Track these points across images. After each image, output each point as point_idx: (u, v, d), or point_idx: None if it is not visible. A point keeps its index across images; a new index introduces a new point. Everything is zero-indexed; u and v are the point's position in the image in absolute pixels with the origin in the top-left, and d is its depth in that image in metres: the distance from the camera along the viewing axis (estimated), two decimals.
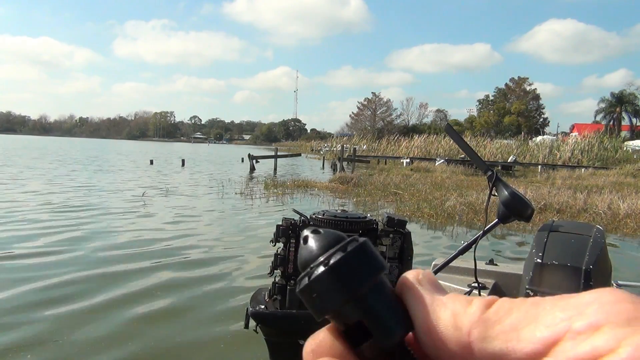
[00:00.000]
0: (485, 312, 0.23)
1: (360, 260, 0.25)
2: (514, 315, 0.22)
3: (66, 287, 4.95)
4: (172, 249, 6.83)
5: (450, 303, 0.24)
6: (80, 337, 3.77)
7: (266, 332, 1.15)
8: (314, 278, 0.24)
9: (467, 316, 0.23)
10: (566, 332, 0.20)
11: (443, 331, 0.23)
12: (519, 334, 0.21)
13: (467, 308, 0.23)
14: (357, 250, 0.25)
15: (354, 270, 0.24)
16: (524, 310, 0.22)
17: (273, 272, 1.17)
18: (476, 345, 0.22)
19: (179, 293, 4.90)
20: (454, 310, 0.23)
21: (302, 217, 1.19)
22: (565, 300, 0.21)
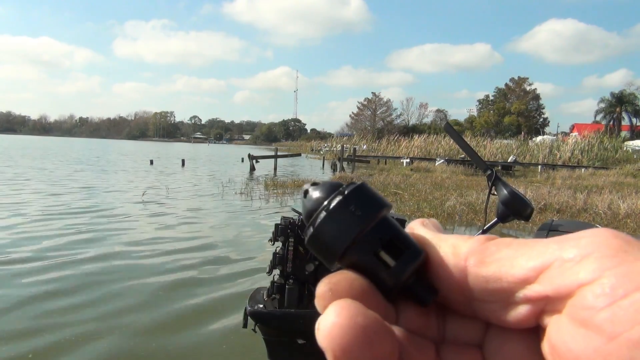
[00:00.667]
0: (484, 244, 0.24)
1: (360, 200, 0.25)
2: (513, 246, 0.23)
3: (63, 288, 4.94)
4: (171, 248, 6.82)
5: (452, 238, 0.25)
6: (79, 338, 3.76)
7: (264, 332, 1.15)
8: (319, 224, 0.24)
9: (465, 246, 0.24)
10: (555, 260, 0.21)
11: (443, 259, 0.24)
12: (512, 261, 0.22)
13: (468, 241, 0.24)
14: (356, 190, 0.25)
15: (370, 200, 0.25)
16: (524, 244, 0.23)
17: (272, 271, 1.17)
18: (471, 269, 0.23)
19: (179, 293, 4.90)
20: (454, 242, 0.25)
21: (301, 216, 1.19)
22: (564, 236, 0.22)
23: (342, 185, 0.26)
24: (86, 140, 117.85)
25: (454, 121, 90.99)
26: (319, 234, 0.25)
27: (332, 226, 0.24)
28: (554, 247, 0.22)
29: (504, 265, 0.22)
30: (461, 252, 0.24)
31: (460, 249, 0.24)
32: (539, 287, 0.21)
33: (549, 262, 0.21)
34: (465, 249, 0.24)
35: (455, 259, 0.24)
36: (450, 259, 0.24)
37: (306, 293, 1.15)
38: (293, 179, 18.43)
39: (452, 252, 0.24)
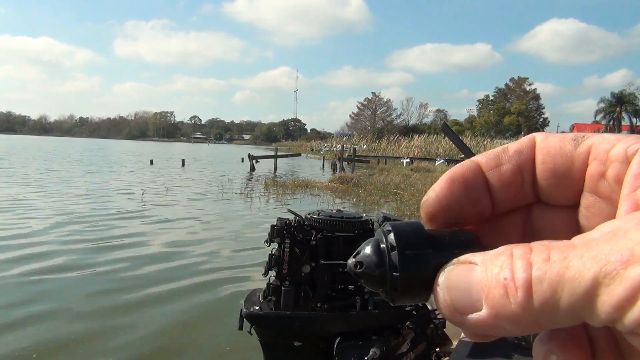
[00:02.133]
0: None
1: (412, 243, 0.26)
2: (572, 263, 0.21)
3: (62, 289, 4.93)
4: (171, 248, 6.81)
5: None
6: (81, 341, 3.76)
7: (260, 334, 1.14)
8: (402, 285, 0.26)
9: (516, 292, 0.21)
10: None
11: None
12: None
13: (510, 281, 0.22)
14: (402, 238, 0.26)
15: (417, 257, 0.26)
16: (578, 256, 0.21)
17: (267, 273, 1.16)
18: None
19: (175, 294, 4.89)
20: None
21: (297, 217, 1.18)
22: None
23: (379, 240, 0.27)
24: (86, 140, 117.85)
25: (454, 121, 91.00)
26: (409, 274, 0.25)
27: (411, 265, 0.25)
28: None
29: None
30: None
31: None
32: None
33: None
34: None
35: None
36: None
37: (302, 295, 1.14)
38: (293, 179, 18.43)
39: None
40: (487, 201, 0.28)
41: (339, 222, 1.14)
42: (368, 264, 0.26)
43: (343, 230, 1.15)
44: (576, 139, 0.26)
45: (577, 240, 0.21)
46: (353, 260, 0.27)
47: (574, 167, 0.26)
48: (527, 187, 0.28)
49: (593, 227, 0.25)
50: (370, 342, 1.12)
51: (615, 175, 0.24)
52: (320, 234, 1.15)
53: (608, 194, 0.25)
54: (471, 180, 0.28)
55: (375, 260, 0.26)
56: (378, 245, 0.26)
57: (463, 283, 0.23)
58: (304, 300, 1.14)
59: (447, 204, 0.28)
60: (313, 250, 1.15)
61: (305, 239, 1.15)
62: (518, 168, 0.27)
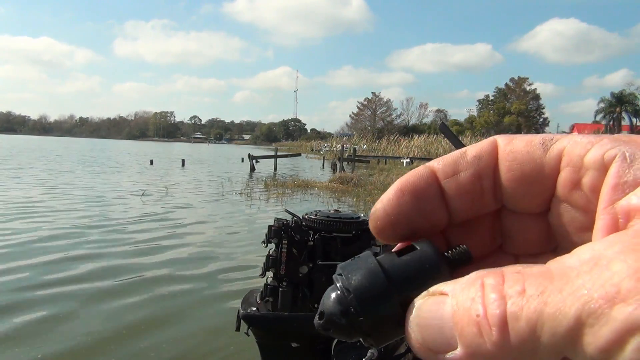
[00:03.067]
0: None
1: (369, 297, 0.24)
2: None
3: (61, 289, 4.93)
4: (168, 248, 6.81)
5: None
6: (82, 342, 3.75)
7: (258, 335, 1.13)
8: (374, 337, 0.24)
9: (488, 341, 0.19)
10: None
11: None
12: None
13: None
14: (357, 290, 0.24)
15: (376, 307, 0.24)
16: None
17: (265, 274, 1.15)
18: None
19: (172, 294, 4.88)
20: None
21: (295, 218, 1.17)
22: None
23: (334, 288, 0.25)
24: (87, 140, 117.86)
25: (454, 121, 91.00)
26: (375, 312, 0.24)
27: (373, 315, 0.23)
28: None
29: None
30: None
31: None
32: None
33: None
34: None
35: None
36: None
37: (300, 296, 1.14)
38: (293, 179, 18.43)
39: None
40: (442, 212, 0.26)
41: (336, 223, 1.14)
42: (331, 314, 0.24)
43: (341, 230, 1.14)
44: (544, 142, 0.24)
45: (554, 266, 0.19)
46: (317, 319, 0.25)
47: (544, 174, 0.24)
48: (487, 195, 0.26)
49: (566, 235, 0.23)
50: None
51: (591, 184, 0.22)
52: (317, 235, 1.14)
53: (583, 203, 0.23)
54: (423, 191, 0.26)
55: (338, 309, 0.24)
56: (338, 297, 0.24)
57: (435, 319, 0.21)
58: (301, 301, 1.13)
59: (395, 218, 0.25)
60: (311, 250, 1.14)
61: (302, 240, 1.14)
62: (477, 175, 0.26)
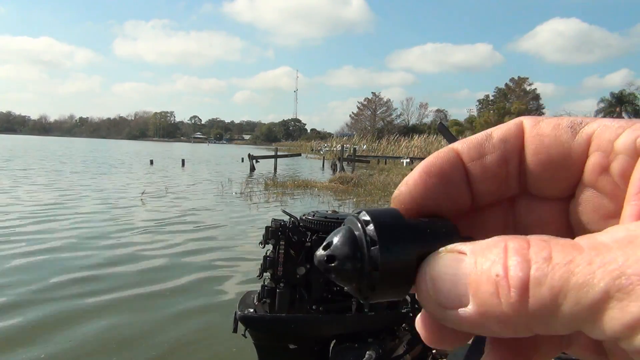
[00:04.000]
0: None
1: (395, 238, 0.23)
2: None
3: (61, 290, 4.92)
4: (167, 248, 6.80)
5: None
6: (83, 344, 3.74)
7: (255, 337, 1.12)
8: (380, 284, 0.23)
9: (508, 292, 0.19)
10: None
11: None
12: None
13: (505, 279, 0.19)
14: (385, 230, 0.23)
15: (399, 252, 0.23)
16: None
17: (262, 275, 1.14)
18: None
19: (169, 295, 4.86)
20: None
21: (292, 218, 1.17)
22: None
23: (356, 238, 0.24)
24: (87, 140, 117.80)
25: (454, 121, 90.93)
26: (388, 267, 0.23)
27: (392, 260, 0.23)
28: None
29: None
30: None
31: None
32: None
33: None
34: None
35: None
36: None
37: (297, 297, 1.13)
38: (293, 179, 18.42)
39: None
40: (467, 195, 0.26)
41: (334, 223, 1.13)
42: (342, 258, 0.23)
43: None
44: (573, 126, 0.23)
45: (583, 242, 0.18)
46: (323, 253, 0.24)
47: (572, 158, 0.24)
48: (512, 179, 0.26)
49: (588, 223, 0.23)
50: (366, 345, 1.10)
51: (621, 169, 0.22)
52: (315, 235, 1.14)
53: (610, 189, 0.23)
54: (449, 174, 0.25)
55: (350, 255, 0.23)
56: (353, 237, 0.23)
57: (450, 274, 0.20)
58: (299, 302, 1.13)
59: (422, 201, 0.25)
60: (308, 251, 1.13)
61: (300, 241, 1.13)
62: (503, 159, 0.25)
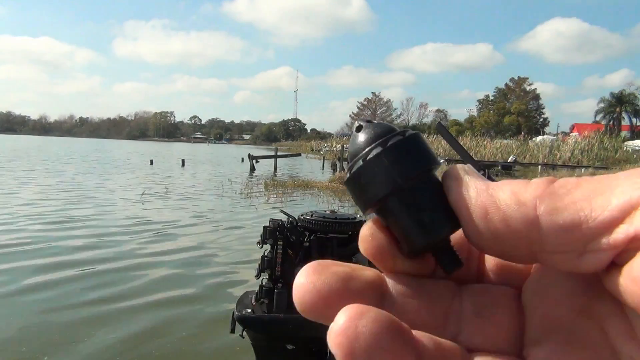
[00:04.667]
0: (550, 186, 0.21)
1: (418, 146, 0.24)
2: (585, 186, 0.20)
3: (55, 291, 4.91)
4: (166, 249, 6.80)
5: (507, 184, 0.22)
6: (78, 348, 3.73)
7: (253, 337, 1.12)
8: (371, 158, 0.23)
9: (529, 191, 0.21)
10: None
11: (504, 210, 0.21)
12: (591, 202, 0.19)
13: (528, 186, 0.21)
14: (416, 137, 0.24)
15: (412, 155, 0.24)
16: (596, 181, 0.20)
17: (260, 275, 1.14)
18: (544, 218, 0.20)
19: (167, 296, 4.84)
20: (513, 189, 0.21)
21: (290, 218, 1.16)
22: (637, 170, 0.19)
23: (396, 129, 0.25)
24: (87, 140, 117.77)
25: (454, 121, 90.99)
26: (363, 174, 0.24)
27: (380, 168, 0.23)
28: (638, 182, 0.19)
29: (583, 209, 0.19)
30: (528, 200, 0.20)
31: (525, 196, 0.21)
32: (629, 228, 0.18)
33: (638, 200, 0.18)
34: (531, 195, 0.21)
35: (522, 208, 0.21)
36: (514, 211, 0.21)
37: None
38: (293, 179, 18.41)
39: (516, 202, 0.21)
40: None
41: (332, 223, 1.12)
42: (369, 131, 0.25)
43: (337, 231, 1.13)
44: None
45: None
46: (362, 124, 0.26)
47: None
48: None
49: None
50: None
51: None
52: (313, 235, 1.13)
53: None
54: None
55: (373, 134, 0.25)
56: (390, 132, 0.25)
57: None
58: None
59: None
60: (306, 251, 1.13)
61: (298, 241, 1.13)
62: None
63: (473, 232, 0.22)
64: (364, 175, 0.24)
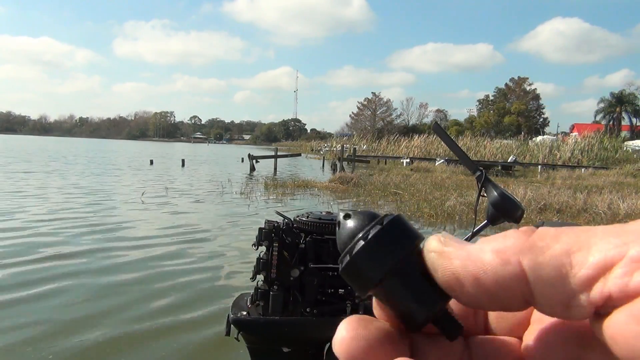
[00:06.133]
0: (529, 239, 0.21)
1: (398, 230, 0.25)
2: (563, 240, 0.21)
3: (51, 292, 4.90)
4: (165, 249, 6.78)
5: (487, 244, 0.22)
6: (72, 348, 3.72)
7: (248, 340, 1.11)
8: (356, 252, 0.25)
9: (511, 248, 0.21)
10: (621, 257, 0.19)
11: (493, 272, 0.22)
12: (571, 258, 0.20)
13: (506, 240, 0.22)
14: (393, 222, 0.25)
15: (393, 240, 0.25)
16: (574, 235, 0.21)
17: (255, 277, 1.13)
18: (530, 273, 0.21)
19: (164, 297, 4.82)
20: (494, 248, 0.22)
21: (286, 220, 1.15)
22: (620, 227, 0.20)
23: (378, 215, 0.26)
24: (87, 140, 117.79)
25: (454, 121, 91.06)
26: (357, 260, 0.25)
27: (372, 253, 0.25)
28: (614, 242, 0.20)
29: (564, 265, 0.20)
30: (511, 257, 0.21)
31: (507, 255, 0.21)
32: (603, 287, 0.19)
33: (612, 260, 0.19)
34: (513, 252, 0.21)
35: (508, 268, 0.21)
36: (502, 271, 0.21)
37: (291, 300, 1.11)
38: (293, 179, 18.40)
39: (502, 262, 0.22)
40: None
41: (328, 225, 1.11)
42: (352, 222, 0.26)
43: (333, 232, 1.12)
44: None
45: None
46: (342, 215, 0.27)
47: None
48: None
49: None
50: None
51: None
52: (309, 237, 1.12)
53: None
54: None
55: (357, 225, 0.26)
56: (369, 220, 0.26)
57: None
58: (292, 305, 1.11)
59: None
60: (302, 253, 1.12)
61: (294, 242, 1.12)
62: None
63: (468, 299, 0.23)
64: (352, 268, 0.25)
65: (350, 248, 0.25)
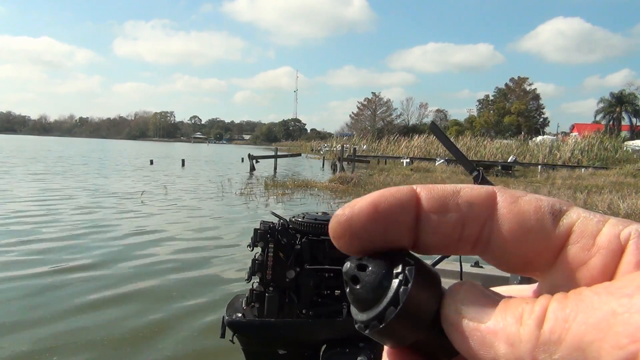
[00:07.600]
0: (541, 333, 0.20)
1: (424, 288, 0.23)
2: (574, 329, 0.19)
3: (54, 295, 4.89)
4: (164, 249, 6.78)
5: (501, 331, 0.21)
6: (56, 346, 3.71)
7: (243, 342, 1.10)
8: (391, 320, 0.23)
9: (525, 344, 0.20)
10: (638, 353, 0.17)
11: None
12: (585, 354, 0.19)
13: (521, 330, 0.20)
14: (420, 279, 0.23)
15: (425, 301, 0.23)
16: (582, 322, 0.19)
17: (251, 279, 1.12)
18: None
19: (163, 297, 4.81)
20: (508, 338, 0.20)
21: (281, 220, 1.14)
22: (625, 300, 0.18)
23: (394, 260, 0.24)
24: (87, 140, 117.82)
25: (454, 121, 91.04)
26: (391, 327, 0.23)
27: (405, 319, 0.23)
28: (627, 331, 0.18)
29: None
30: (526, 356, 0.20)
31: (522, 352, 0.20)
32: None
33: (629, 357, 0.17)
34: (529, 351, 0.20)
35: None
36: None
37: (287, 301, 1.10)
38: (293, 179, 18.39)
39: (515, 357, 0.20)
40: (409, 240, 0.24)
41: (324, 225, 1.10)
42: (368, 277, 0.24)
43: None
44: (554, 212, 0.23)
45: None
46: (353, 266, 0.24)
47: (551, 245, 0.23)
48: (464, 243, 0.24)
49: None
50: (358, 350, 1.08)
51: (602, 265, 0.22)
52: (305, 238, 1.11)
53: (585, 283, 0.22)
54: (397, 216, 0.23)
55: (378, 276, 0.23)
56: (390, 270, 0.23)
57: None
58: (288, 306, 1.10)
59: (357, 232, 0.23)
60: (298, 254, 1.11)
61: (289, 243, 1.11)
62: (461, 221, 0.24)
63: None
64: (385, 332, 0.23)
65: (380, 314, 0.23)
